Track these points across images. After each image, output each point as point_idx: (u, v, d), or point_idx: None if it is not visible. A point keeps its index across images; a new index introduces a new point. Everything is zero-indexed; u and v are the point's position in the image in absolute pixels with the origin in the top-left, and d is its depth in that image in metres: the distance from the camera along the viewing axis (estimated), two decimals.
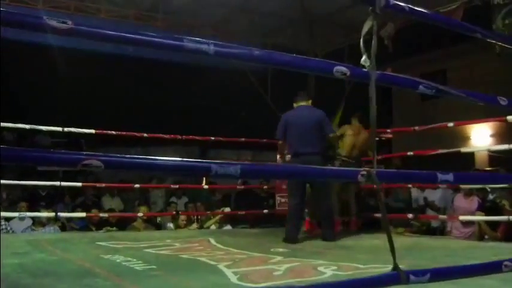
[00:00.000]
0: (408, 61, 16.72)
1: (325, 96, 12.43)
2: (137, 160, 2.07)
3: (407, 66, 15.88)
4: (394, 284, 2.43)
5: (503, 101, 3.16)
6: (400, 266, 2.48)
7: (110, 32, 2.11)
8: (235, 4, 10.85)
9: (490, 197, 8.34)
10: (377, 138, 4.05)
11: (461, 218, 7.51)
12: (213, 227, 9.29)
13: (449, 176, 2.76)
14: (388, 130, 9.61)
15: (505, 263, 2.88)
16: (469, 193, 8.10)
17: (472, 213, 7.75)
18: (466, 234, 7.78)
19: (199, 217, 9.80)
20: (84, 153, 1.96)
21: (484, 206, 7.83)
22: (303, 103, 7.12)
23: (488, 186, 8.09)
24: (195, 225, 9.31)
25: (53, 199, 10.93)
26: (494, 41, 3.93)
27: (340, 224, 7.94)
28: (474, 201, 8.09)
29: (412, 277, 2.46)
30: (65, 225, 9.03)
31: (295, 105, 7.17)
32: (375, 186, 2.57)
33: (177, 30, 10.60)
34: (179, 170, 2.37)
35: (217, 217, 9.55)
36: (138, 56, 10.83)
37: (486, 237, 7.36)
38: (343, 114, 11.91)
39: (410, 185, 8.60)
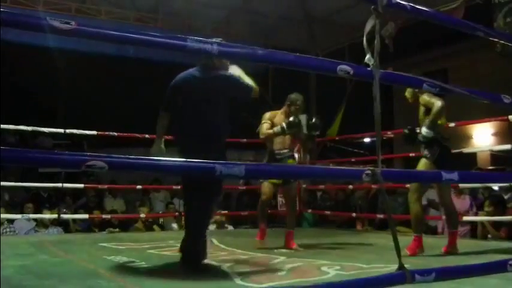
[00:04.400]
0: (409, 60, 16.72)
1: (327, 96, 12.43)
2: (141, 161, 2.07)
3: (409, 65, 15.85)
4: (400, 284, 2.43)
5: (506, 99, 3.16)
6: (405, 265, 2.48)
7: (113, 32, 2.11)
8: (236, 5, 10.83)
9: (505, 197, 8.29)
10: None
11: (465, 218, 7.48)
12: (213, 227, 9.24)
13: (454, 175, 2.76)
14: (389, 132, 9.52)
15: (510, 262, 2.89)
16: (460, 192, 8.14)
17: (465, 212, 7.91)
18: (461, 232, 7.78)
19: None
20: (88, 154, 1.97)
21: (492, 200, 7.80)
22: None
23: (498, 186, 8.13)
24: None
25: (55, 200, 10.93)
26: (496, 39, 3.92)
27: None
28: (466, 201, 8.20)
29: (417, 276, 2.46)
30: (68, 227, 9.02)
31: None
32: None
33: (178, 31, 10.57)
34: (183, 170, 2.37)
35: (216, 217, 9.50)
36: (139, 57, 10.79)
37: (489, 236, 7.35)
38: (345, 113, 11.85)
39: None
